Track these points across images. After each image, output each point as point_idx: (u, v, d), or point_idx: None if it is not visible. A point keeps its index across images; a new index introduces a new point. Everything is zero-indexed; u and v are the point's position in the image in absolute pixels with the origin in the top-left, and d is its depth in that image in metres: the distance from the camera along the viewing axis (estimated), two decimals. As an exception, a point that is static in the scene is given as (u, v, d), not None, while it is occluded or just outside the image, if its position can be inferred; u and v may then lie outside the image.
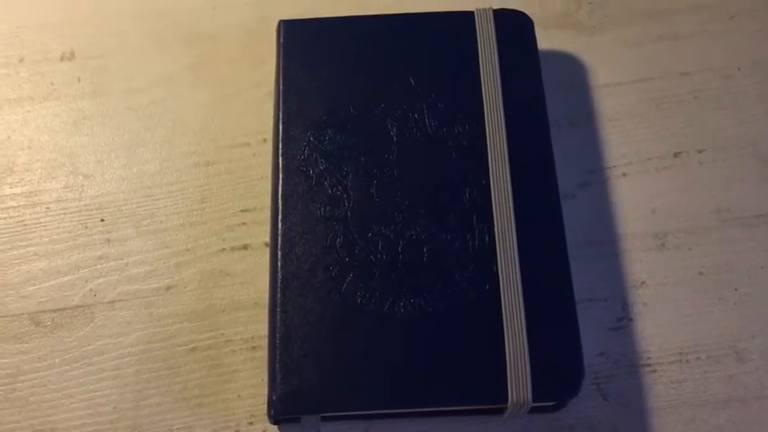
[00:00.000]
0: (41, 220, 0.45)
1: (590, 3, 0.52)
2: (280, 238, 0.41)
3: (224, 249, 0.45)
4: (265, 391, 0.38)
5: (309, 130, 0.43)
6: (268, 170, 0.45)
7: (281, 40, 0.46)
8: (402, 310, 0.39)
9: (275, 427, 0.40)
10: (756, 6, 0.51)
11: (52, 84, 0.50)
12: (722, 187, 0.46)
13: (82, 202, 0.46)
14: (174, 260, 0.44)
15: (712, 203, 0.45)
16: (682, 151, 0.47)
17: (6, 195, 0.46)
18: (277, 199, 0.42)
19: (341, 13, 0.47)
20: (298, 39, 0.46)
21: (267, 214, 0.43)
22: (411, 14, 0.46)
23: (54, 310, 0.43)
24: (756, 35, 0.50)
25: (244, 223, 0.45)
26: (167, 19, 0.52)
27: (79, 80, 0.50)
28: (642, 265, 0.44)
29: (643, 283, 0.43)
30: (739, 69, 0.49)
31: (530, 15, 0.46)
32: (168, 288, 0.43)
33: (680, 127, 0.48)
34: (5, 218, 0.46)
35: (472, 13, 0.46)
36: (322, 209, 0.41)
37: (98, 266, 0.44)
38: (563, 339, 0.38)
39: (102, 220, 0.45)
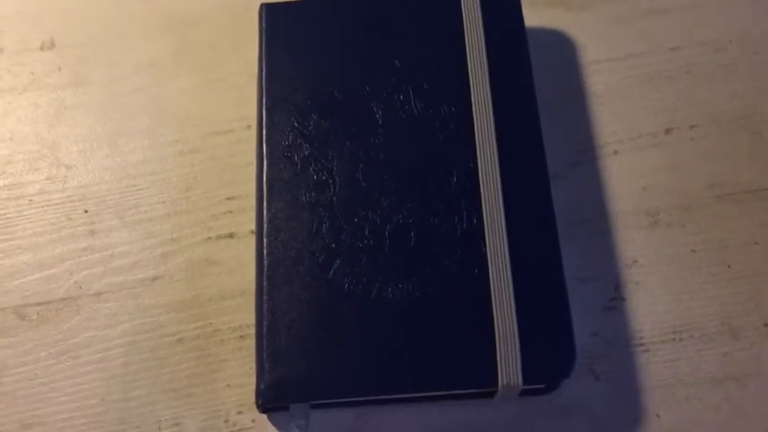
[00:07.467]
0: (24, 213, 0.45)
1: (578, -22, 0.51)
2: (265, 226, 0.40)
3: (210, 238, 0.44)
4: (254, 380, 0.38)
5: (293, 115, 0.42)
6: (253, 157, 0.44)
7: (264, 23, 0.45)
8: (390, 296, 0.38)
9: (264, 416, 0.40)
10: (747, -22, 0.50)
11: (32, 74, 0.49)
12: (715, 163, 0.45)
13: (65, 194, 0.45)
14: (160, 250, 0.44)
15: (705, 179, 0.45)
16: (673, 127, 0.46)
17: (-12, 188, 0.46)
18: (262, 186, 0.41)
19: (323, -5, 0.46)
20: (280, 22, 0.45)
21: (253, 201, 0.42)
22: (395, -6, 0.46)
23: (39, 304, 0.43)
24: (747, 7, 0.49)
25: (230, 211, 0.45)
26: (148, 5, 0.51)
27: (60, 69, 0.49)
28: (634, 243, 0.43)
29: (635, 261, 0.43)
30: (731, 42, 0.48)
31: (516, -8, 0.45)
32: (154, 278, 0.43)
33: (671, 102, 0.47)
34: (-12, 211, 0.45)
35: (457, -9, 0.45)
36: (308, 195, 0.41)
37: (83, 258, 0.43)
38: (554, 321, 0.38)
39: (86, 212, 0.45)
